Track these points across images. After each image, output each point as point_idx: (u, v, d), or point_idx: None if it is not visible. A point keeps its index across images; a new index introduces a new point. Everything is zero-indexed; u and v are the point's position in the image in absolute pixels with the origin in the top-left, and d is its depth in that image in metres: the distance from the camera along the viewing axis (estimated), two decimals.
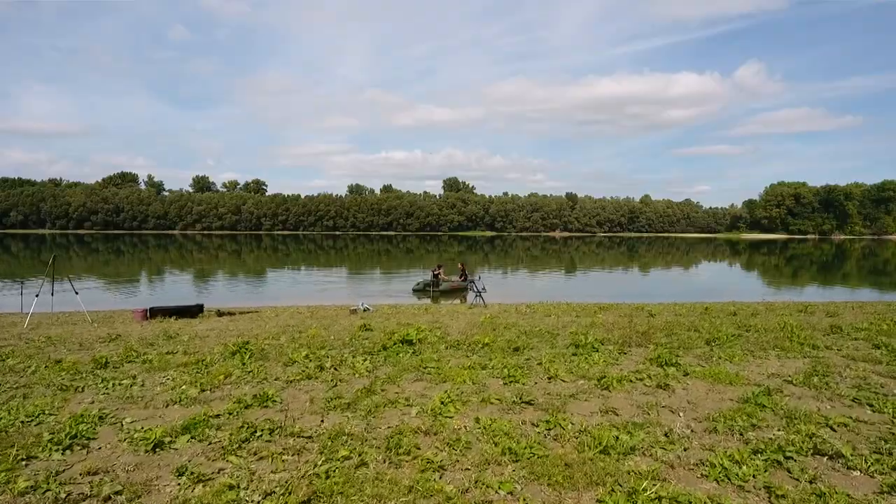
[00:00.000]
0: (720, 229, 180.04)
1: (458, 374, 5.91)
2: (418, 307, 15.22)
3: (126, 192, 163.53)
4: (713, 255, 66.83)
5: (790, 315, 11.62)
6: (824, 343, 7.89)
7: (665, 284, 31.84)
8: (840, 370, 6.24)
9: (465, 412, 4.69)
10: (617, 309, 13.35)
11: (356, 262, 48.41)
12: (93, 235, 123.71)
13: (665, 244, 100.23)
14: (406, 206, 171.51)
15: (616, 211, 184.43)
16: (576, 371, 6.14)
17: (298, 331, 9.40)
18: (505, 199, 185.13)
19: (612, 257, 60.64)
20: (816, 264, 51.07)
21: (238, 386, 5.61)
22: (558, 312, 12.55)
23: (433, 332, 8.88)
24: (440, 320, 11.08)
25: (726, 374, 5.96)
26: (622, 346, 7.67)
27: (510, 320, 10.71)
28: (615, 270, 42.27)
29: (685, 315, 11.67)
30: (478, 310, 13.82)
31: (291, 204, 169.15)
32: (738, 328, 9.37)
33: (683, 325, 9.62)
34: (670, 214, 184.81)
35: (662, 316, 11.50)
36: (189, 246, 77.50)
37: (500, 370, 6.12)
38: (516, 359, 6.81)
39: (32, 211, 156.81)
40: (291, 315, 13.02)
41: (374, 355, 7.00)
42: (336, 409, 4.81)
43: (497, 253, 68.69)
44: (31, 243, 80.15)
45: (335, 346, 7.80)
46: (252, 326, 10.64)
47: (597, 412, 4.78)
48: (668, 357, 6.60)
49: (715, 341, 7.97)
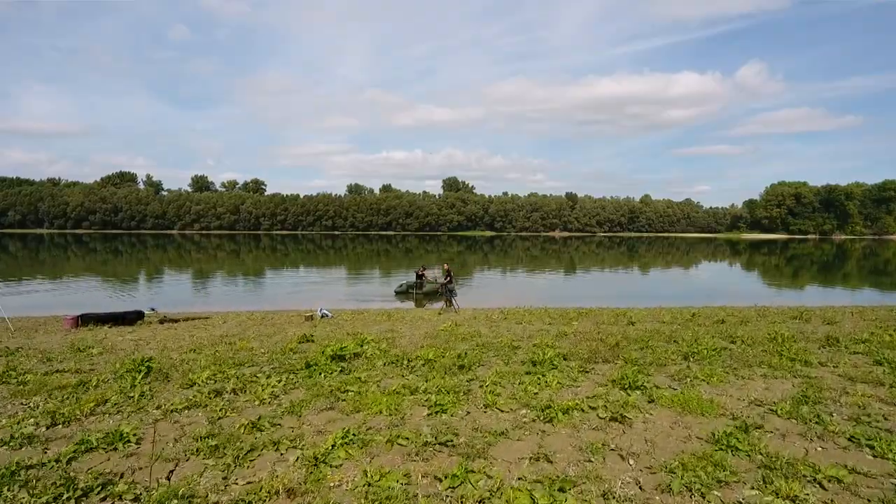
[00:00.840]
0: (720, 229, 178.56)
1: (377, 401, 4.94)
2: (381, 313, 14.28)
3: (124, 191, 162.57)
4: (713, 256, 65.75)
5: (783, 323, 10.68)
6: (818, 358, 6.90)
7: (659, 286, 30.80)
8: (835, 395, 5.26)
9: (357, 459, 3.73)
10: (597, 315, 12.41)
11: (349, 263, 47.34)
12: (91, 235, 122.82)
13: (665, 244, 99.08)
14: (405, 206, 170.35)
15: (616, 211, 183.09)
16: (521, 396, 5.17)
17: (230, 342, 8.44)
18: (504, 199, 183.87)
19: (611, 258, 59.60)
20: (816, 264, 49.98)
21: (104, 417, 4.66)
22: (532, 319, 11.60)
23: (380, 343, 7.93)
24: (397, 329, 10.14)
25: (698, 401, 4.98)
26: (586, 363, 6.69)
27: (474, 329, 9.75)
28: (612, 271, 41.24)
29: (668, 322, 10.74)
30: (446, 316, 12.90)
31: (290, 204, 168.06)
32: (724, 339, 8.42)
33: (663, 336, 8.67)
34: (670, 214, 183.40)
35: (643, 324, 10.58)
36: (187, 246, 76.50)
37: (431, 395, 5.16)
38: (458, 379, 5.84)
39: (30, 210, 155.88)
40: (240, 322, 12.05)
41: (294, 374, 6.04)
42: (199, 452, 3.84)
43: (496, 253, 67.62)
44: (28, 243, 79.28)
45: (258, 362, 6.83)
46: (184, 336, 9.71)
47: (527, 458, 3.81)
48: (633, 378, 5.62)
49: (694, 356, 6.99)
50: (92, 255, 54.08)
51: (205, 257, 53.49)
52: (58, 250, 62.08)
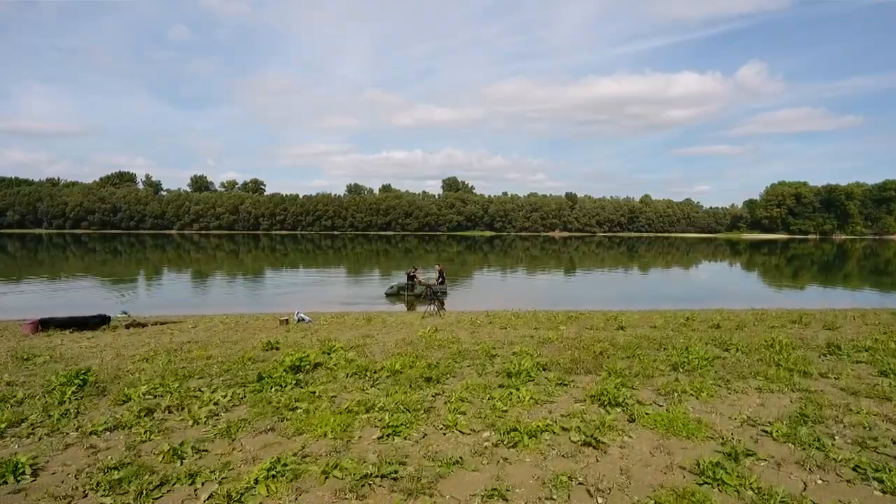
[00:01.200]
0: (720, 229, 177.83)
1: (324, 421, 4.42)
2: (361, 317, 13.47)
3: (123, 191, 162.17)
4: (713, 256, 65.18)
5: (781, 328, 10.14)
6: (819, 369, 6.36)
7: (657, 287, 30.23)
8: (837, 413, 4.73)
9: (280, 497, 3.21)
10: (587, 319, 11.86)
11: (345, 263, 46.78)
12: (90, 235, 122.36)
13: (665, 244, 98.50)
14: (405, 206, 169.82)
15: (616, 211, 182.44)
16: (487, 415, 4.65)
17: (189, 350, 7.90)
18: (504, 199, 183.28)
19: (610, 258, 59.04)
20: (817, 264, 49.41)
21: (10, 442, 4.13)
22: (518, 324, 11.06)
23: (348, 351, 7.41)
24: (373, 334, 9.60)
25: (685, 420, 4.45)
26: (567, 374, 6.16)
27: (454, 335, 9.21)
28: (610, 272, 40.68)
29: (660, 328, 10.20)
30: (429, 321, 12.37)
31: (289, 204, 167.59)
32: (718, 346, 7.88)
33: (653, 343, 8.13)
34: (670, 214, 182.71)
35: (634, 329, 10.05)
36: (185, 246, 75.87)
37: (387, 414, 4.63)
38: (422, 394, 5.31)
39: (29, 210, 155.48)
40: (211, 327, 11.48)
41: (244, 388, 5.51)
42: (99, 488, 3.32)
43: (496, 253, 67.08)
44: (27, 243, 78.84)
45: (210, 373, 6.29)
46: (145, 343, 9.15)
47: (479, 494, 3.28)
48: (614, 393, 5.10)
49: (684, 366, 6.45)
50: (88, 256, 53.58)
51: (202, 258, 52.99)
52: (56, 250, 61.58)
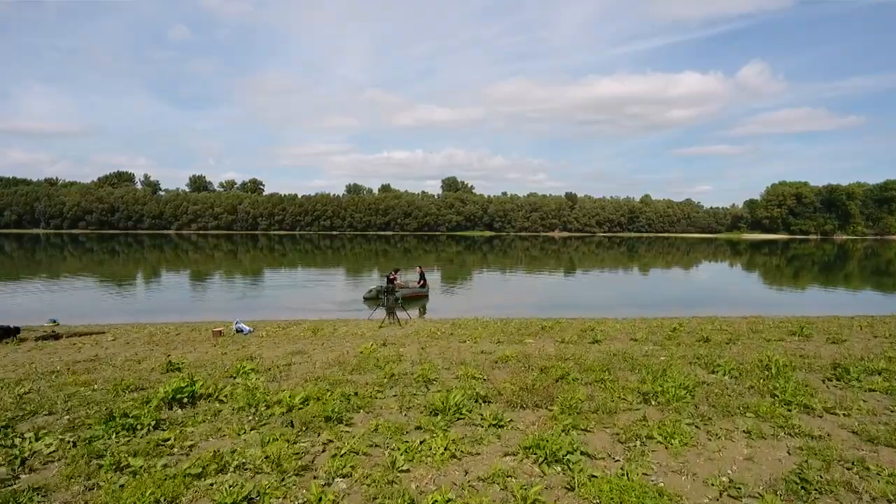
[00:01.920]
0: (721, 229, 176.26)
1: (141, 492, 3.22)
2: (310, 327, 12.19)
3: (121, 191, 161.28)
4: (713, 256, 63.92)
5: (779, 341, 8.98)
6: (824, 401, 5.16)
7: (651, 289, 28.85)
8: (850, 475, 3.53)
9: None
10: (563, 329, 10.64)
11: (336, 264, 45.52)
12: (87, 235, 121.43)
13: (665, 244, 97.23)
14: (404, 206, 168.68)
15: (616, 211, 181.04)
16: (377, 479, 3.44)
17: (76, 372, 6.65)
18: (504, 199, 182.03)
19: (610, 258, 57.78)
20: (818, 265, 48.14)
21: None
22: (483, 335, 9.87)
23: (261, 375, 6.25)
24: (308, 350, 8.38)
25: (642, 491, 3.25)
26: (509, 408, 4.98)
27: (399, 351, 7.99)
28: (608, 272, 39.41)
29: (641, 341, 9.05)
30: (384, 332, 11.21)
31: (288, 203, 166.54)
32: (704, 366, 6.74)
33: (627, 362, 6.96)
34: (671, 214, 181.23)
35: (611, 342, 8.92)
36: (184, 246, 74.71)
37: (243, 477, 3.43)
38: (311, 441, 4.10)
39: (27, 210, 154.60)
40: (129, 340, 10.09)
41: (81, 431, 4.29)
42: None
43: (495, 253, 65.89)
44: (24, 243, 77.84)
45: (65, 407, 5.03)
46: (38, 359, 7.94)
47: None
48: (558, 442, 3.89)
49: (657, 397, 5.26)
50: (73, 256, 52.43)
51: (191, 258, 51.74)
52: (41, 250, 60.47)
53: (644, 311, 17.04)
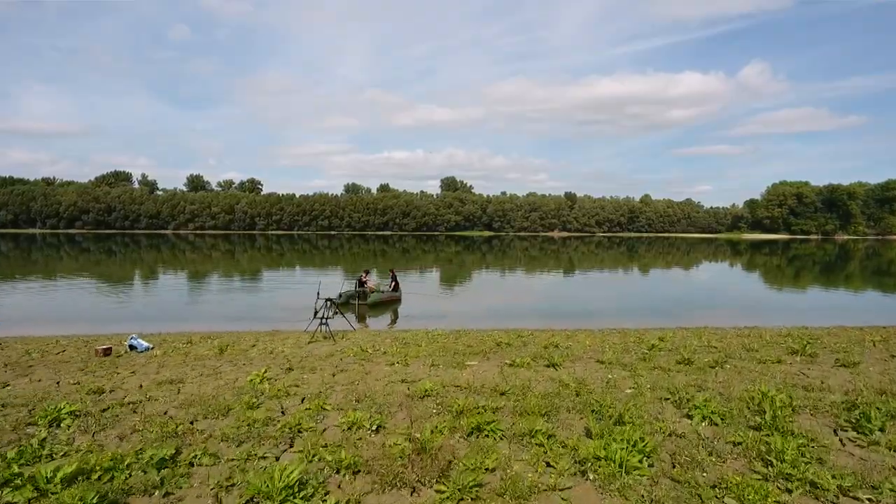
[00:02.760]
0: (721, 229, 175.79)
1: None
2: (220, 343, 10.71)
3: (118, 191, 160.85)
4: (713, 256, 63.52)
5: (778, 363, 8.18)
6: (838, 471, 3.96)
7: (643, 293, 28.00)
8: None
9: None
10: (520, 347, 9.80)
11: (322, 264, 45.16)
12: (84, 235, 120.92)
13: (665, 244, 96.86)
14: (402, 206, 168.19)
15: (616, 211, 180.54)
16: None
17: None
18: (503, 199, 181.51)
19: (608, 259, 57.36)
20: (819, 265, 47.76)
21: None
22: (420, 354, 9.00)
23: (86, 417, 5.53)
24: (183, 379, 7.53)
25: None
26: (373, 489, 3.91)
27: (304, 378, 7.30)
28: (602, 274, 38.96)
29: (608, 363, 8.14)
30: (311, 348, 10.18)
31: (286, 203, 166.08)
32: (677, 405, 5.66)
33: (580, 398, 5.99)
34: (671, 214, 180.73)
35: (572, 364, 8.08)
36: (181, 245, 74.26)
37: None
38: None
39: (23, 210, 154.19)
40: None
41: None
42: None
43: (494, 253, 65.57)
44: (20, 243, 77.30)
45: None
46: None
47: None
48: None
49: (598, 465, 4.10)
50: (53, 257, 52.01)
51: (167, 258, 51.33)
52: (50, 250, 59.98)
53: (630, 317, 16.43)
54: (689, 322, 15.39)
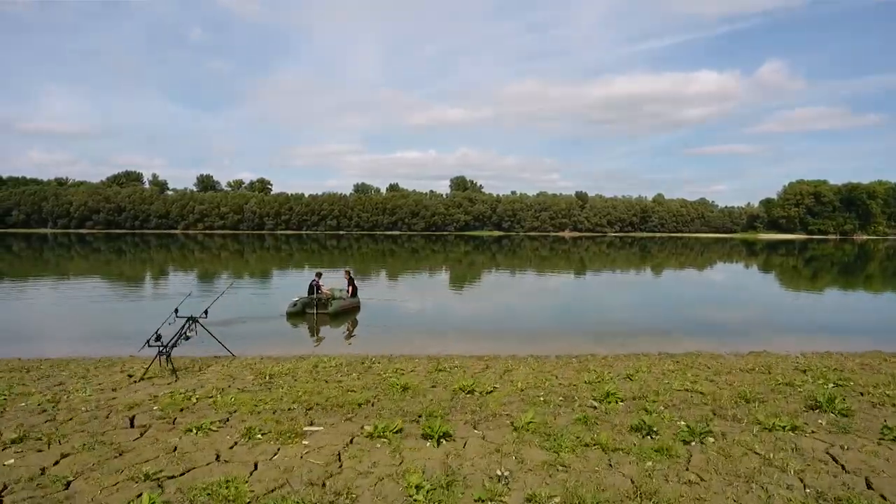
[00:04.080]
0: (736, 229, 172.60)
1: None
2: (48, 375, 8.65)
3: (128, 191, 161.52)
4: (727, 257, 61.37)
5: (790, 430, 5.60)
6: None
7: (641, 299, 24.62)
8: None
9: None
10: (431, 388, 7.59)
11: (312, 265, 43.86)
12: (94, 235, 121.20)
13: (678, 245, 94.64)
14: (411, 206, 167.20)
15: (627, 210, 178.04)
16: None
17: None
18: (513, 199, 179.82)
19: (621, 259, 55.52)
20: (838, 266, 45.66)
21: None
22: (266, 407, 6.69)
23: None
24: None
25: None
26: None
27: None
28: (604, 275, 37.04)
29: (529, 429, 5.68)
30: (133, 389, 7.68)
31: (295, 203, 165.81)
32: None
33: None
34: (684, 214, 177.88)
35: (475, 428, 5.77)
36: (190, 245, 73.55)
37: None
38: None
39: (34, 210, 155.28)
40: None
41: None
42: None
43: (504, 253, 64.15)
44: (32, 243, 77.15)
45: None
46: None
47: None
48: None
49: None
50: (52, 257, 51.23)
51: (161, 258, 50.30)
52: (60, 250, 59.35)
53: (613, 331, 14.61)
54: (684, 337, 13.54)
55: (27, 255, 53.02)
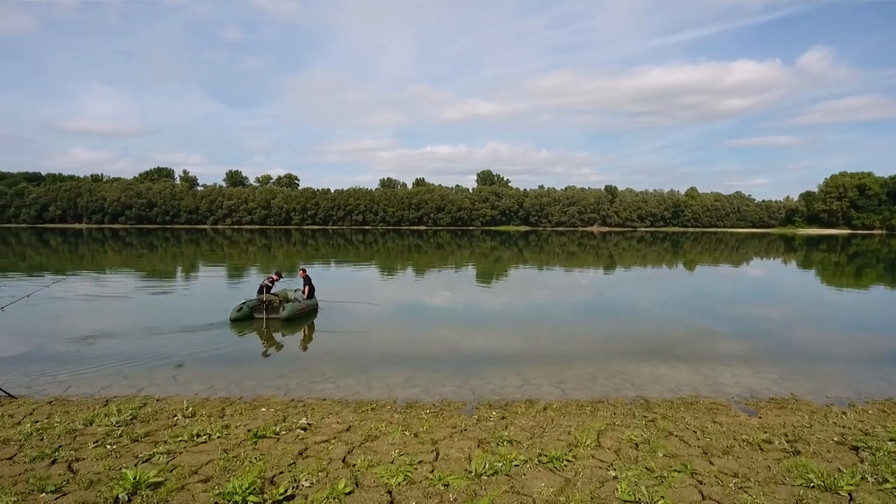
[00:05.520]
0: (774, 224, 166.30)
1: None
2: None
3: (159, 186, 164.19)
4: (765, 253, 58.30)
5: None
6: None
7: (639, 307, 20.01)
8: None
9: None
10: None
11: (310, 258, 42.86)
12: (126, 230, 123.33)
13: (712, 240, 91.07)
14: (437, 200, 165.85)
15: (659, 205, 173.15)
16: None
17: None
18: (540, 193, 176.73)
19: (652, 255, 53.17)
20: (884, 262, 42.60)
21: None
22: None
23: None
24: None
25: None
26: None
27: None
28: (631, 274, 35.25)
29: None
30: None
31: (321, 198, 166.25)
32: None
33: None
34: (718, 208, 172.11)
35: None
36: (218, 240, 73.82)
37: None
38: None
39: (70, 206, 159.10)
40: None
41: None
42: None
43: (531, 248, 62.47)
44: (68, 237, 78.63)
45: None
46: None
47: None
48: None
49: None
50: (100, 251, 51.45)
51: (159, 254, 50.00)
52: (103, 244, 60.05)
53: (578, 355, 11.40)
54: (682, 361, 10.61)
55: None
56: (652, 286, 27.68)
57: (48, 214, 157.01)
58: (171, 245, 62.92)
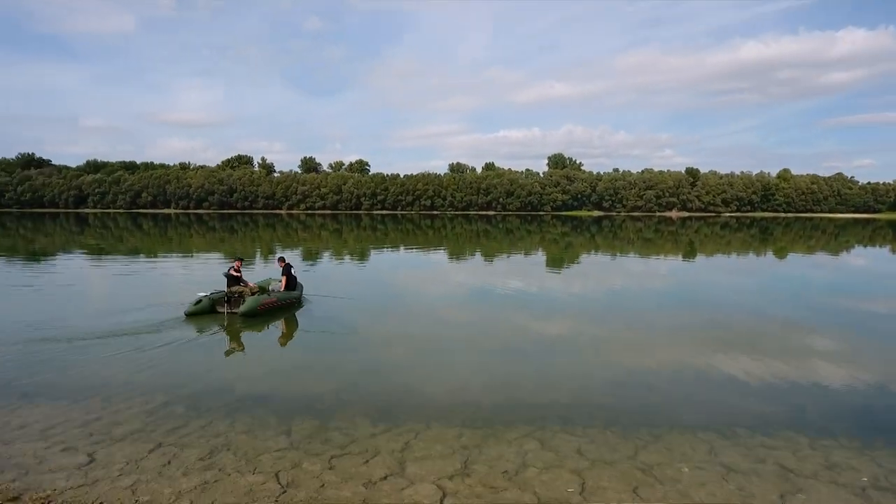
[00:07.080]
0: (881, 208, 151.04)
1: None
2: None
3: (239, 173, 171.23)
4: (869, 241, 52.01)
5: None
6: None
7: (727, 317, 18.86)
8: None
9: None
10: None
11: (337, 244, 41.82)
12: (210, 214, 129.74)
13: (806, 226, 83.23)
14: (506, 185, 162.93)
15: (746, 188, 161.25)
16: None
17: None
18: (614, 176, 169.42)
19: (737, 242, 48.71)
20: None
21: None
22: None
23: None
24: None
25: None
26: None
27: None
28: (694, 265, 31.87)
29: None
30: None
31: (390, 183, 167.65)
32: None
33: None
34: (815, 191, 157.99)
35: None
36: (294, 225, 75.70)
37: None
38: None
39: (160, 192, 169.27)
40: None
41: None
42: None
43: (604, 235, 59.39)
44: (158, 221, 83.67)
45: None
46: None
47: None
48: None
49: None
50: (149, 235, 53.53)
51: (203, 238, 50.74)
52: (188, 228, 63.11)
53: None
54: (756, 404, 8.09)
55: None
56: (739, 285, 24.55)
57: (141, 200, 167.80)
58: (249, 229, 64.79)
